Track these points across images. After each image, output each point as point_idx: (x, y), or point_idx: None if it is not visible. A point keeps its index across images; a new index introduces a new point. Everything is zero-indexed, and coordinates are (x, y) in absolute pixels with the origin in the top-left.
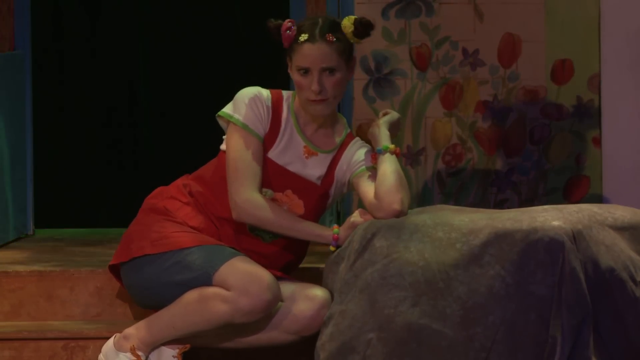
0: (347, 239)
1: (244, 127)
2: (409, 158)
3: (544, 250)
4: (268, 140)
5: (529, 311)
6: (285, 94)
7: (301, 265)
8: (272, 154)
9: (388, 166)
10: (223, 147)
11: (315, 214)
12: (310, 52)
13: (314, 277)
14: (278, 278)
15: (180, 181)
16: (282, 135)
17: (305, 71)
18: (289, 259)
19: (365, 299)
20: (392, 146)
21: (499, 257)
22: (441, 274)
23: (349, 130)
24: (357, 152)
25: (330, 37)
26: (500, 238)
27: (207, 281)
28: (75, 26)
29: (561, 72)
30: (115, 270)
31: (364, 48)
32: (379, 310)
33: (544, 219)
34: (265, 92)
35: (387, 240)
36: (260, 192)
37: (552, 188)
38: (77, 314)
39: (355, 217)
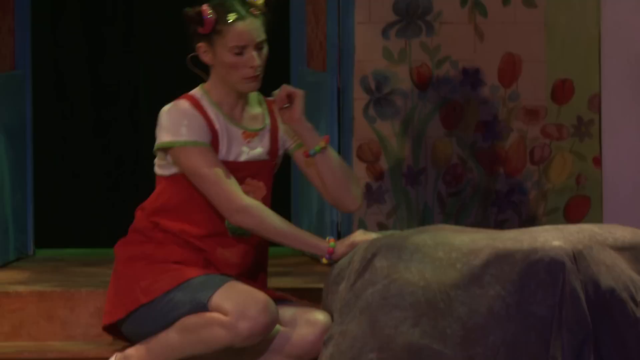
0: (343, 256)
1: (195, 144)
2: (409, 178)
3: (545, 270)
4: (213, 144)
5: (529, 331)
6: (197, 94)
7: (301, 286)
8: (222, 154)
9: (327, 167)
10: (160, 172)
11: (270, 187)
12: (244, 29)
13: (314, 297)
14: (278, 301)
15: (144, 220)
16: (221, 134)
17: (240, 49)
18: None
19: (366, 319)
20: (322, 143)
21: (499, 278)
22: (442, 294)
23: (261, 96)
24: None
25: (255, 11)
26: (500, 258)
27: (203, 310)
28: (75, 45)
29: (561, 92)
30: (110, 327)
31: (365, 67)
32: (380, 331)
33: (544, 239)
34: (185, 103)
35: (388, 261)
36: None
37: (552, 208)
38: (78, 334)
39: (356, 236)
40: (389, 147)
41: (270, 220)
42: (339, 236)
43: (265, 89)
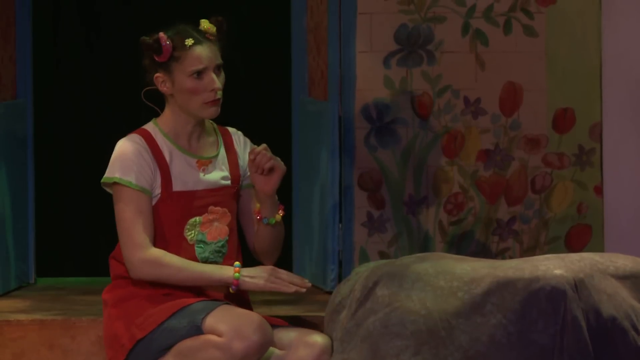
0: (253, 284)
1: (128, 184)
2: (410, 207)
3: (546, 299)
4: (164, 177)
5: None
6: (150, 127)
7: (302, 314)
8: (177, 187)
9: (270, 236)
10: None
11: (235, 213)
12: (203, 53)
13: (315, 326)
14: (278, 326)
15: (121, 266)
16: (173, 166)
17: (199, 74)
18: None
19: (367, 347)
20: (279, 217)
21: (500, 306)
22: (443, 323)
23: (214, 124)
24: (247, 153)
25: (210, 36)
26: (502, 287)
27: (197, 332)
28: (77, 74)
29: (562, 120)
30: None
31: (366, 96)
32: (381, 359)
33: (545, 267)
34: (134, 139)
35: (389, 289)
36: (182, 229)
37: (553, 237)
38: None
39: (265, 279)
40: (390, 176)
41: (169, 271)
42: (340, 265)
43: (268, 118)
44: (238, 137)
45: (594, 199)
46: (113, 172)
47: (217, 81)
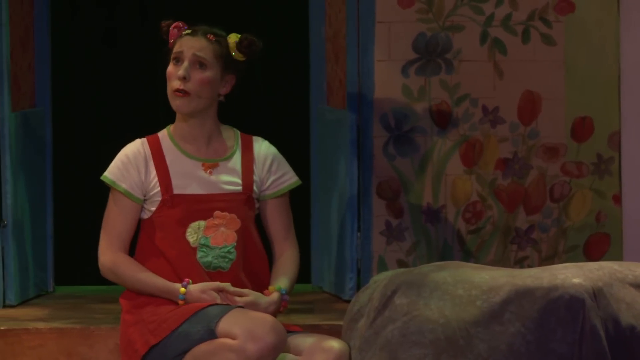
0: (198, 301)
1: (116, 187)
2: (428, 215)
3: (565, 307)
4: (164, 181)
5: None
6: (161, 132)
7: (320, 322)
8: (178, 189)
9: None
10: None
11: (251, 220)
12: (187, 41)
13: (333, 335)
14: (296, 332)
15: None
16: (173, 169)
17: (178, 59)
18: (254, 277)
19: (386, 356)
20: (286, 297)
21: (519, 315)
22: (461, 332)
23: (237, 131)
24: (275, 164)
25: (211, 37)
26: (520, 295)
27: (211, 336)
28: (96, 81)
29: (581, 129)
30: None
31: (385, 105)
32: None
33: (564, 276)
34: (136, 144)
35: (408, 298)
36: (184, 232)
37: (572, 245)
38: None
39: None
40: (408, 185)
41: (121, 280)
42: (358, 273)
43: (286, 127)
44: (260, 145)
45: (612, 208)
46: (107, 171)
47: (183, 70)
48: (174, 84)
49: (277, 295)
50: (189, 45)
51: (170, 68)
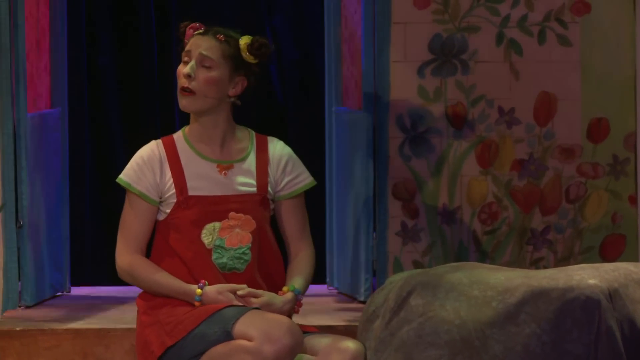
0: (215, 302)
1: (131, 189)
2: (444, 216)
3: (580, 308)
4: (179, 183)
5: None
6: (176, 134)
7: (335, 323)
8: (193, 191)
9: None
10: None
11: (266, 221)
12: (196, 41)
13: (349, 335)
14: (312, 333)
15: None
16: (188, 171)
17: (185, 58)
18: (270, 278)
19: (401, 357)
20: (301, 296)
21: (535, 316)
22: (477, 333)
23: (252, 132)
24: (290, 165)
25: (221, 37)
26: (536, 296)
27: (228, 338)
28: (111, 82)
29: (597, 130)
30: None
31: (400, 106)
32: None
33: (580, 277)
34: (152, 146)
35: (423, 299)
36: (199, 233)
37: (588, 246)
38: None
39: (233, 293)
40: (424, 186)
41: (138, 283)
42: (374, 274)
43: (302, 128)
44: (274, 145)
45: (628, 209)
46: (122, 173)
47: (189, 67)
48: (180, 81)
49: (292, 295)
50: (197, 44)
51: (180, 67)
